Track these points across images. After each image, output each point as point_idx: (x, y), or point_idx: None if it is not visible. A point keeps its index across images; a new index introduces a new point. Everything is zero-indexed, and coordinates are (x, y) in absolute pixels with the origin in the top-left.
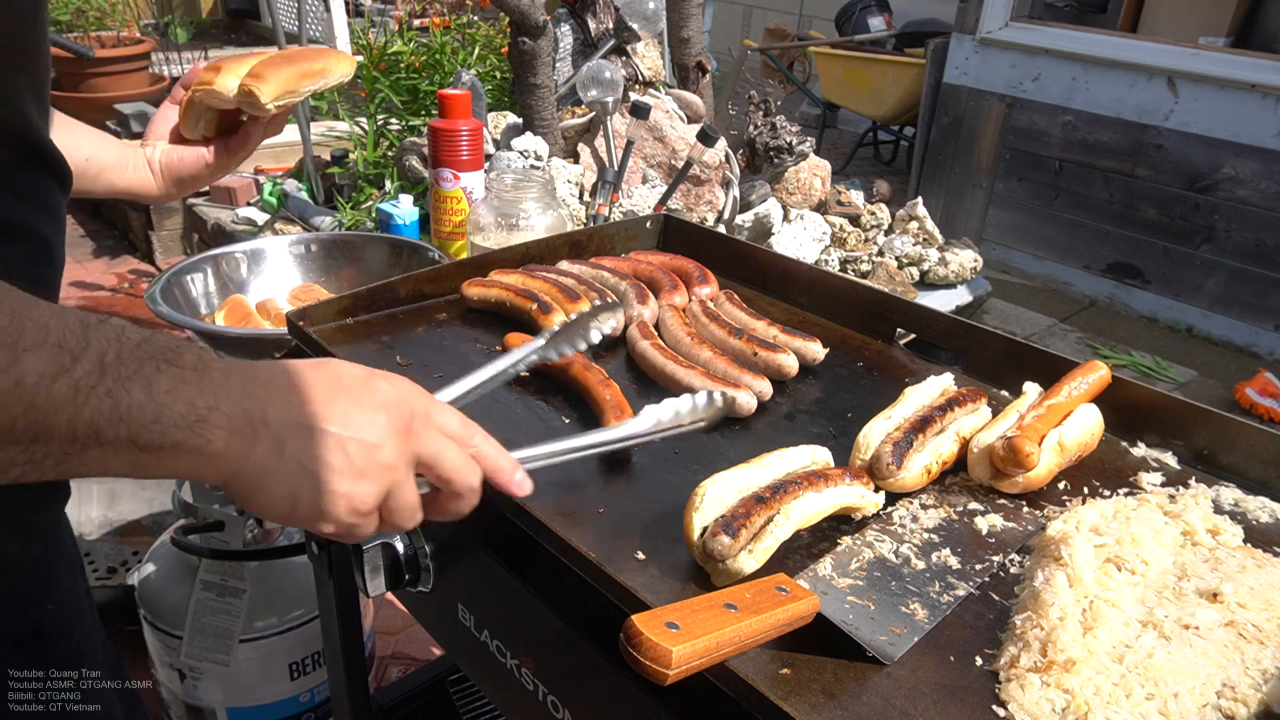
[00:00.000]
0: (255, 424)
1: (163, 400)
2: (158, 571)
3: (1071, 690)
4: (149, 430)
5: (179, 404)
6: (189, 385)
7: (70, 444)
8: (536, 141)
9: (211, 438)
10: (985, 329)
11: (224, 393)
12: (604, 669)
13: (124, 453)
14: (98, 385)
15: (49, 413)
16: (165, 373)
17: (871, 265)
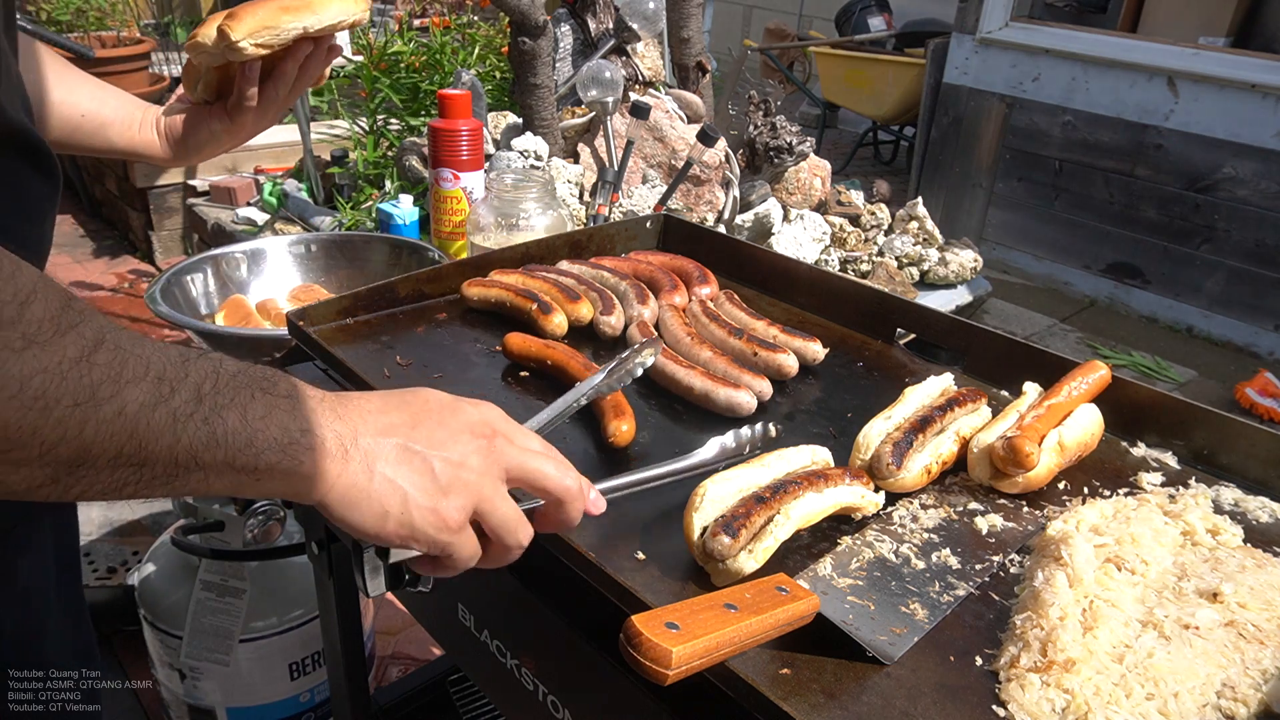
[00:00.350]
0: (346, 445)
1: (256, 426)
2: (158, 571)
3: (1071, 690)
4: (244, 454)
5: (272, 429)
6: (282, 411)
7: (173, 467)
8: (536, 141)
9: (303, 459)
10: (985, 329)
11: (315, 417)
12: (604, 669)
13: (223, 474)
14: (194, 413)
15: (150, 439)
16: (259, 400)
17: (871, 265)
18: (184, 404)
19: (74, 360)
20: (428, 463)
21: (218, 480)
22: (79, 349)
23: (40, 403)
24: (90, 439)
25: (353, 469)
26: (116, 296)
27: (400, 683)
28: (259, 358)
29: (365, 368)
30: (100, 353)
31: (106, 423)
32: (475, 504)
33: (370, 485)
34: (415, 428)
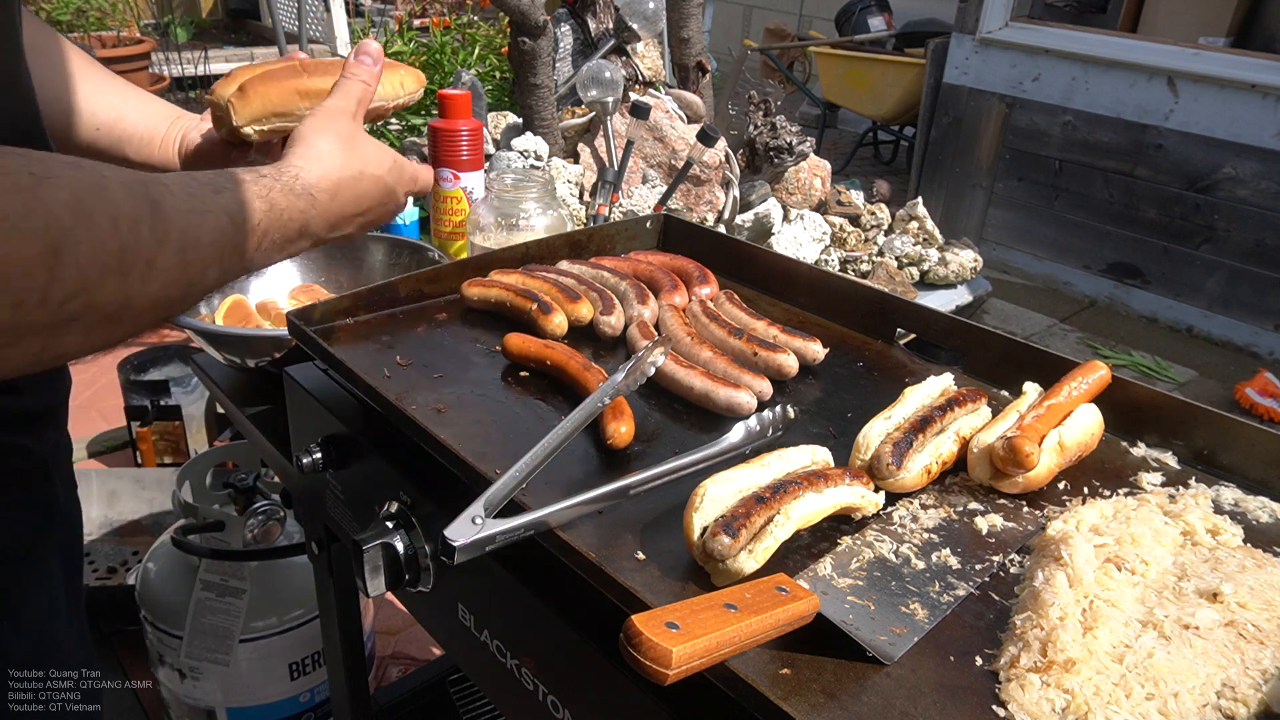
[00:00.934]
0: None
1: (273, 257)
2: (158, 571)
3: (1071, 690)
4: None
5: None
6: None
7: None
8: (536, 141)
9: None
10: (985, 329)
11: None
12: (604, 669)
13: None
14: (240, 267)
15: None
16: (279, 241)
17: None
18: (237, 266)
19: (178, 268)
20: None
21: None
22: (177, 256)
23: (166, 306)
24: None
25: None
26: None
27: (400, 683)
28: (259, 358)
29: (365, 368)
30: (190, 252)
31: (197, 297)
32: None
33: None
34: (365, 226)
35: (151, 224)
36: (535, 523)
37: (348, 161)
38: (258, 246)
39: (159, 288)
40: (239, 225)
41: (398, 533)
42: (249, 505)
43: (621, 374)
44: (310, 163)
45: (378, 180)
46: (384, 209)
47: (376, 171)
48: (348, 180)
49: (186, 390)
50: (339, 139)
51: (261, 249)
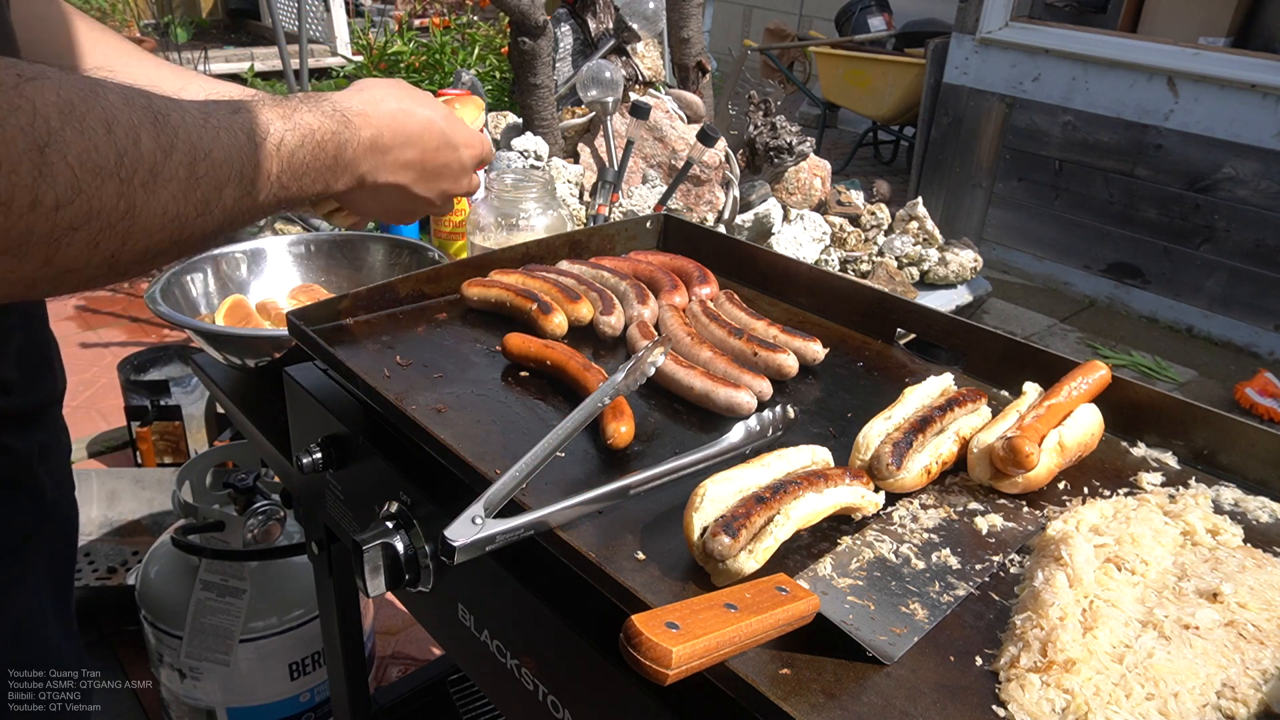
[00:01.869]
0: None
1: (306, 186)
2: (158, 571)
3: (1071, 690)
4: (298, 201)
5: (317, 186)
6: (328, 171)
7: (253, 220)
8: (536, 141)
9: (334, 192)
10: (985, 329)
11: (350, 168)
12: (604, 669)
13: (282, 209)
14: (267, 194)
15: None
16: (312, 167)
17: (871, 265)
18: (260, 189)
19: (186, 180)
20: (413, 202)
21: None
22: (185, 169)
23: (177, 223)
24: (209, 230)
25: (363, 194)
26: (117, 296)
27: (400, 683)
28: (259, 358)
29: (365, 368)
30: (200, 165)
31: (215, 220)
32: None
33: (365, 201)
34: (417, 180)
35: (154, 133)
36: (535, 523)
37: (395, 94)
38: (285, 168)
39: (167, 198)
40: (257, 142)
41: (398, 533)
42: (249, 505)
43: (621, 374)
44: (351, 93)
45: (429, 121)
46: (441, 161)
47: (429, 112)
48: (393, 112)
49: (186, 390)
50: (393, 83)
51: (290, 171)
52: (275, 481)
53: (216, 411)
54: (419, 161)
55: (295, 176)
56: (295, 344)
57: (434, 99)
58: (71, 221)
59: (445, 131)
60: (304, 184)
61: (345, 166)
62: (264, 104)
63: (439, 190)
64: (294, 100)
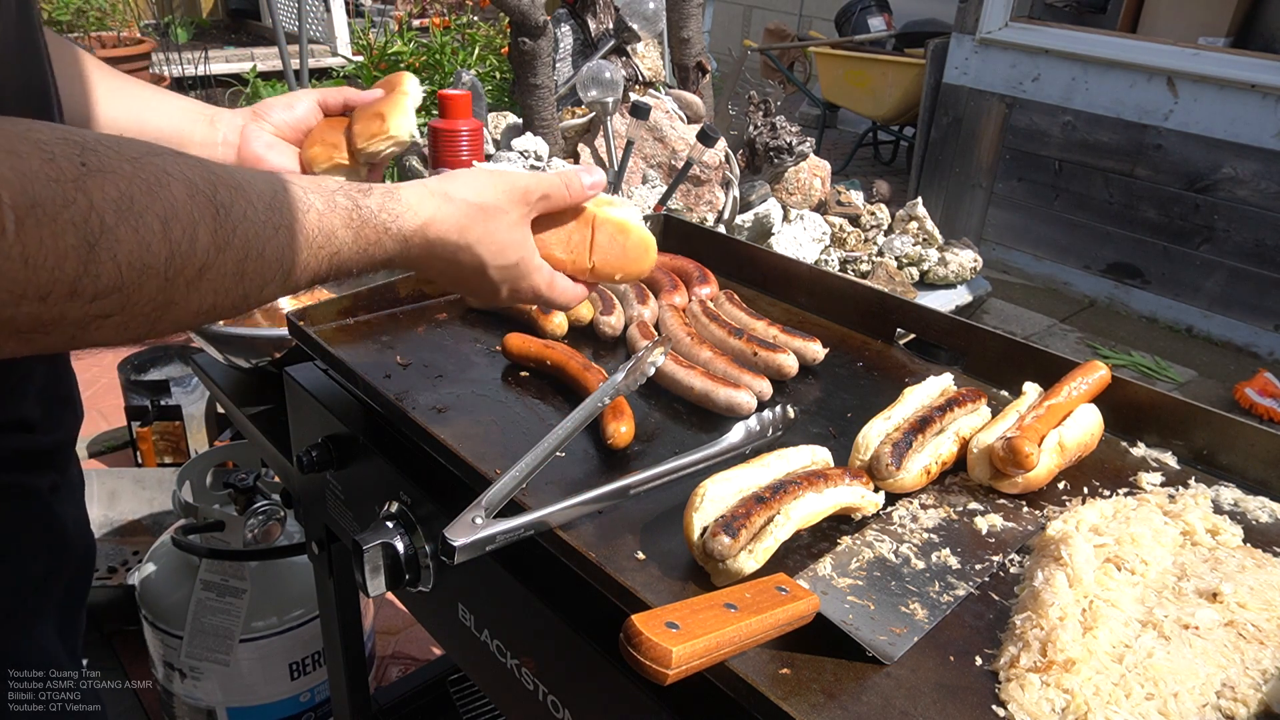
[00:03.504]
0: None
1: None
2: (158, 571)
3: (1071, 690)
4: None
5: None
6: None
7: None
8: (536, 141)
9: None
10: (985, 329)
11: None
12: (604, 669)
13: None
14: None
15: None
16: (355, 268)
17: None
18: (300, 285)
19: (233, 277)
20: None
21: None
22: (235, 264)
23: (211, 315)
24: (242, 313)
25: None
26: None
27: (400, 683)
28: (259, 358)
29: (365, 368)
30: (250, 264)
31: (251, 306)
32: None
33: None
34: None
35: (213, 228)
36: (535, 523)
37: (465, 228)
38: (329, 270)
39: (209, 296)
40: (315, 249)
41: (398, 533)
42: (249, 505)
43: (621, 374)
44: (424, 205)
45: (480, 269)
46: (480, 294)
47: (486, 258)
48: (452, 248)
49: (186, 390)
50: (479, 203)
51: (333, 271)
52: (275, 481)
53: (216, 411)
54: (457, 288)
55: (337, 275)
56: (295, 344)
57: (519, 243)
58: (105, 311)
59: (495, 284)
60: (340, 277)
61: (379, 269)
62: (334, 209)
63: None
64: (368, 205)
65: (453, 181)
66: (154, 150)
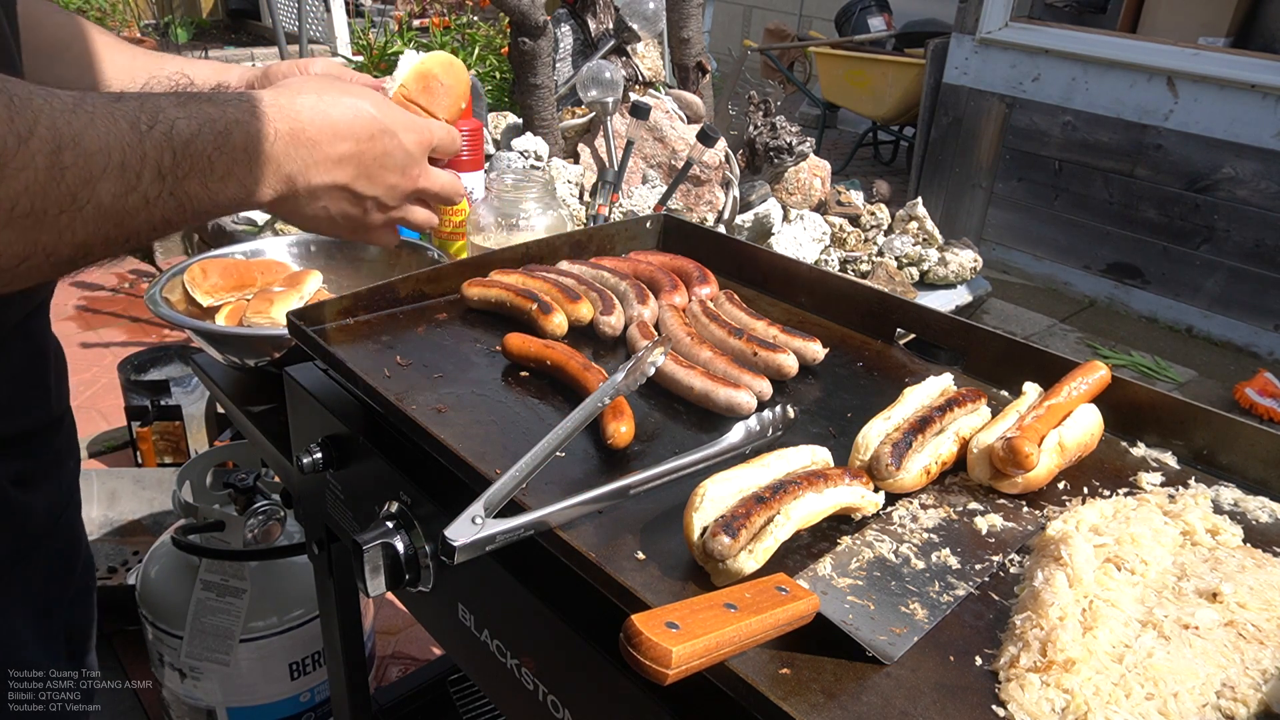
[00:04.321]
0: (295, 186)
1: (217, 188)
2: (158, 571)
3: (1071, 690)
4: (212, 209)
5: (231, 188)
6: (240, 166)
7: (151, 231)
8: (536, 141)
9: (261, 199)
10: (985, 329)
11: (270, 166)
12: (604, 669)
13: (195, 220)
14: (161, 192)
15: (127, 220)
16: (218, 162)
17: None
18: (150, 185)
19: (46, 170)
20: (360, 204)
21: (193, 222)
22: (46, 157)
23: (32, 218)
24: (81, 236)
25: (299, 202)
26: (117, 296)
27: (400, 683)
28: (259, 358)
29: (365, 368)
30: (65, 154)
31: (90, 220)
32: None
33: (313, 209)
34: (358, 177)
35: (8, 117)
36: (535, 523)
37: (316, 84)
38: (179, 158)
39: (20, 188)
40: (143, 130)
41: (398, 533)
42: (249, 505)
43: (621, 374)
44: (268, 89)
45: (356, 108)
46: (379, 149)
47: (356, 100)
48: (313, 103)
49: (186, 390)
50: (318, 75)
51: (189, 163)
52: (275, 481)
53: (216, 411)
54: (354, 154)
55: (199, 172)
56: (295, 344)
57: (363, 87)
58: None
59: (377, 117)
60: (213, 183)
61: (264, 163)
62: (153, 93)
63: (386, 185)
64: (193, 86)
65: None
66: None
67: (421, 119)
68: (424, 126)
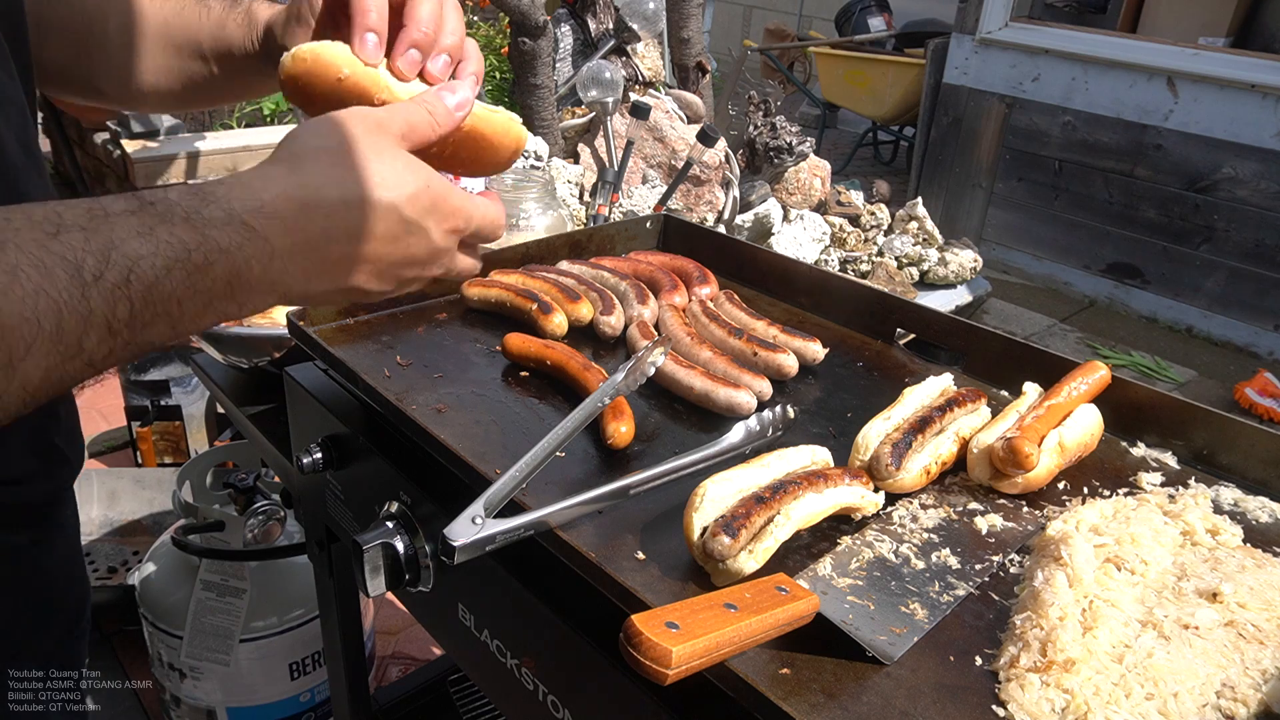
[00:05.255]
0: (290, 298)
1: (188, 327)
2: (158, 571)
3: (1071, 690)
4: (181, 339)
5: (206, 320)
6: (221, 300)
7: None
8: (536, 141)
9: (243, 313)
10: (985, 329)
11: (260, 291)
12: (604, 669)
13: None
14: (112, 349)
15: (66, 384)
16: (191, 303)
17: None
18: (97, 346)
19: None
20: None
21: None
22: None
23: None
24: (27, 395)
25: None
26: None
27: (400, 683)
28: (259, 358)
29: (365, 368)
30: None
31: (13, 401)
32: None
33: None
34: (371, 278)
35: None
36: (535, 523)
37: (327, 164)
38: (141, 308)
39: None
40: (87, 280)
41: (398, 533)
42: (249, 505)
43: (621, 374)
44: (263, 169)
45: (375, 204)
46: (401, 251)
47: (388, 196)
48: (315, 199)
49: (186, 390)
50: (337, 145)
51: (153, 309)
52: (275, 481)
53: (216, 411)
54: (370, 257)
55: (164, 317)
56: (295, 344)
57: (406, 164)
58: None
59: (403, 213)
60: (184, 324)
61: (253, 291)
62: (109, 216)
63: (398, 279)
64: (166, 200)
65: (269, 159)
66: None
67: (459, 197)
68: (463, 215)
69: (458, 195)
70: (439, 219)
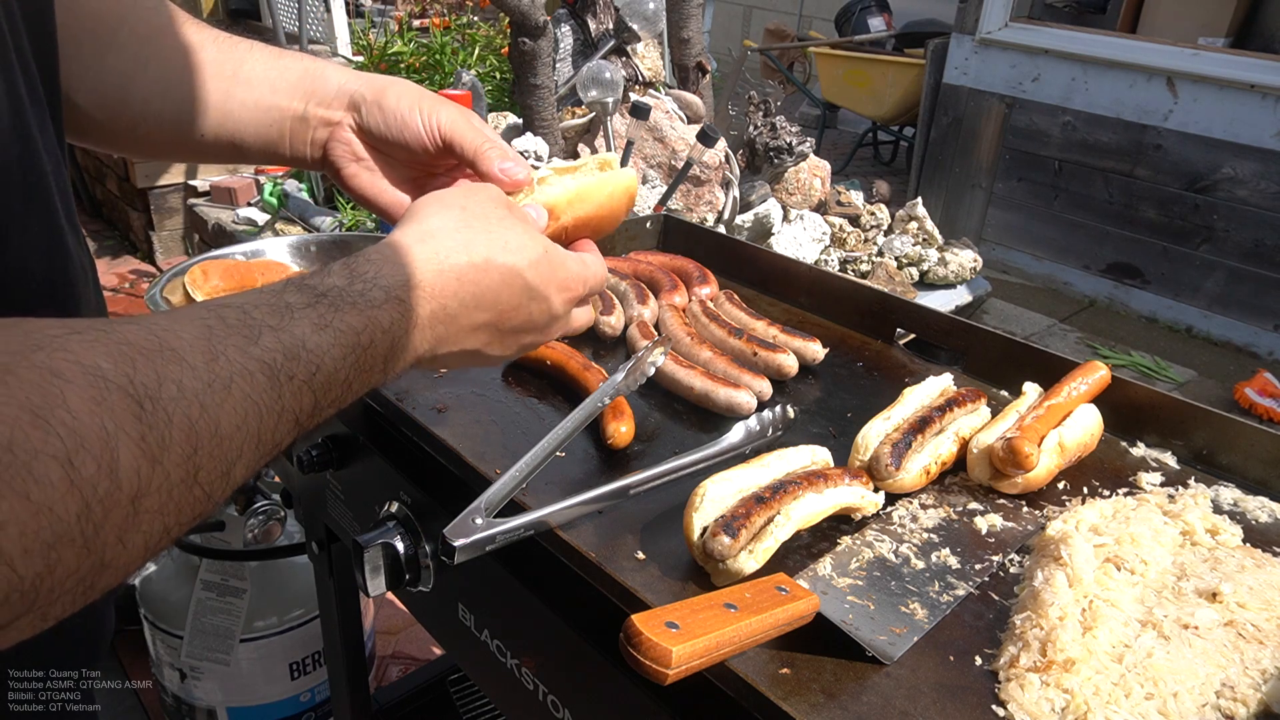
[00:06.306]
0: (419, 362)
1: (348, 400)
2: (158, 571)
3: (1071, 690)
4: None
5: (363, 391)
6: (374, 373)
7: None
8: (536, 142)
9: (385, 381)
10: (985, 329)
11: (404, 358)
12: (604, 669)
13: None
14: (296, 437)
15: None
16: (356, 382)
17: (871, 265)
18: (284, 438)
19: (182, 484)
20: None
21: None
22: (181, 468)
23: (164, 540)
24: (209, 512)
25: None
26: (118, 296)
27: (400, 683)
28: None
29: None
30: (201, 454)
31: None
32: None
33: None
34: (490, 342)
35: (138, 437)
36: (535, 523)
37: (468, 238)
38: (320, 397)
39: (153, 522)
40: (283, 380)
41: (398, 533)
42: (249, 505)
43: (621, 374)
44: (402, 246)
45: (510, 273)
46: (522, 318)
47: (510, 260)
48: (462, 269)
49: None
50: (460, 212)
51: (328, 397)
52: (275, 481)
53: None
54: (493, 323)
55: (338, 399)
56: None
57: (522, 231)
58: (7, 619)
59: (529, 283)
60: (346, 399)
61: (399, 358)
62: (291, 315)
63: (518, 345)
64: (332, 285)
65: (400, 228)
66: (33, 336)
67: (575, 264)
68: (579, 281)
69: (573, 262)
70: (559, 288)
